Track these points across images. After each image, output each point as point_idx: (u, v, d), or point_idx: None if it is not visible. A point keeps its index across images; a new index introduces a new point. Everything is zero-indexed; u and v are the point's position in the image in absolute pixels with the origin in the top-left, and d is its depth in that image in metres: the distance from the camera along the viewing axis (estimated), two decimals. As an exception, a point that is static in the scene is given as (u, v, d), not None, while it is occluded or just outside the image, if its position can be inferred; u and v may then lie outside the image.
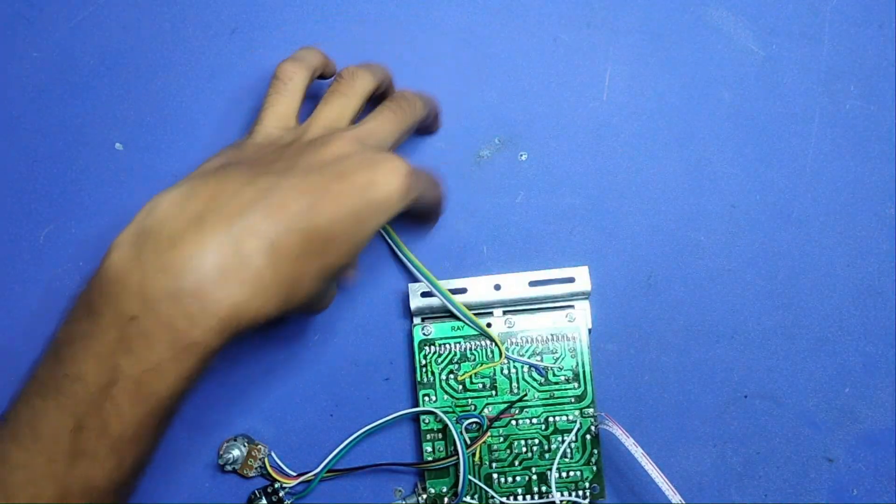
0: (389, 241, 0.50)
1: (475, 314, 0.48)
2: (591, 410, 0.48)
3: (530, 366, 0.48)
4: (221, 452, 0.49)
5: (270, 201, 0.37)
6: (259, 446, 0.49)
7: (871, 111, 0.51)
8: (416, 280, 0.49)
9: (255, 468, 0.49)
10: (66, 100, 0.52)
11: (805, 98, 0.51)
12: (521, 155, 0.51)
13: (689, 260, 0.51)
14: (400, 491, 0.50)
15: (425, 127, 0.50)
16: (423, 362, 0.48)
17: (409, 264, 0.49)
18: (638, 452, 0.45)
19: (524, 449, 0.48)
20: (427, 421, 0.48)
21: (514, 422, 0.48)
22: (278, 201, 0.37)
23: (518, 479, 0.48)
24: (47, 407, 0.36)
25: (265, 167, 0.39)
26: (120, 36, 0.52)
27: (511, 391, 0.48)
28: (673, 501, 0.44)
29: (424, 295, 0.48)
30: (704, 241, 0.51)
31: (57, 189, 0.51)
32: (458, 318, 0.48)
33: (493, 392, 0.48)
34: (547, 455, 0.48)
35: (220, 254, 0.35)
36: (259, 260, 0.36)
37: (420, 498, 0.49)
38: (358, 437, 0.49)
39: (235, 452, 0.49)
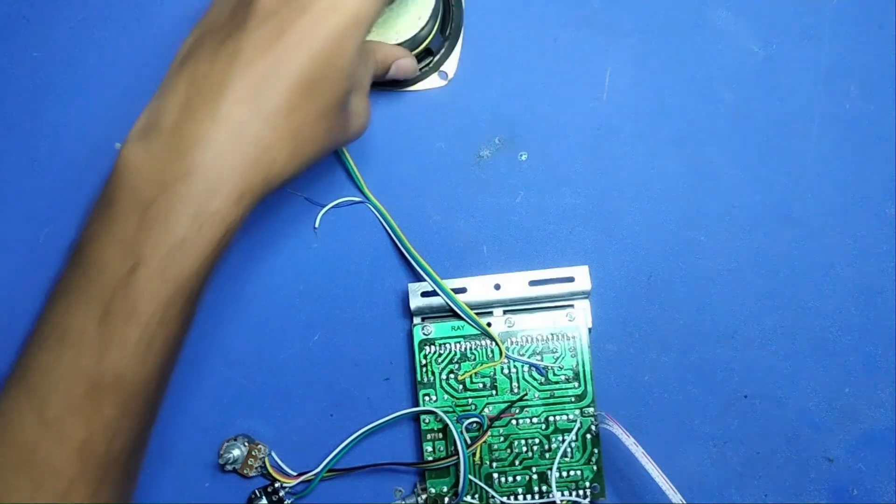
0: (395, 238, 0.50)
1: (475, 314, 0.49)
2: (591, 410, 0.48)
3: (530, 365, 0.49)
4: (221, 452, 0.49)
5: (238, 67, 0.37)
6: (259, 446, 0.50)
7: (871, 111, 0.51)
8: (416, 279, 0.50)
9: (256, 468, 0.50)
10: (66, 100, 0.52)
11: (805, 98, 0.52)
12: (521, 155, 0.52)
13: (689, 260, 0.51)
14: (400, 491, 0.50)
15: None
16: (424, 362, 0.49)
17: (412, 261, 0.50)
18: (638, 452, 0.45)
19: (524, 448, 0.48)
20: (427, 421, 0.49)
21: (514, 421, 0.48)
22: (245, 64, 0.37)
23: (518, 478, 0.48)
24: (72, 303, 0.37)
25: (227, 29, 0.39)
26: (120, 36, 0.53)
27: (511, 391, 0.49)
28: (673, 501, 0.44)
29: (424, 295, 0.49)
30: (704, 241, 0.51)
31: (57, 189, 0.52)
32: (460, 317, 0.49)
33: (494, 391, 0.49)
34: (547, 454, 0.48)
35: (217, 130, 0.37)
36: (254, 126, 0.37)
37: (419, 498, 0.49)
38: (358, 436, 0.49)
39: (235, 452, 0.49)
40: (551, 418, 0.48)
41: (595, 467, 0.48)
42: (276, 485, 0.49)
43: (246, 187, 0.37)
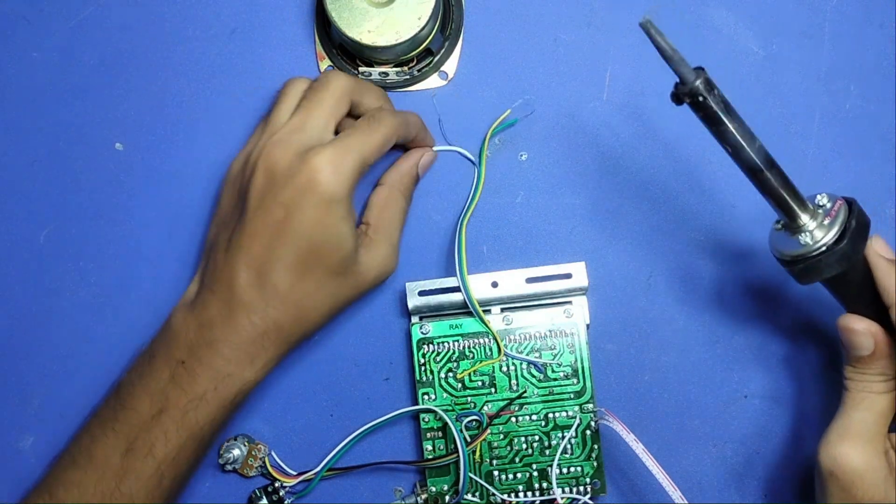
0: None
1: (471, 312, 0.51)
2: (590, 406, 0.51)
3: (529, 362, 0.51)
4: (222, 452, 0.52)
5: (242, 257, 0.46)
6: (259, 446, 0.52)
7: (871, 111, 0.54)
8: (414, 278, 0.52)
9: (256, 467, 0.52)
10: (66, 100, 0.55)
11: (805, 98, 0.54)
12: (521, 155, 0.54)
13: (689, 260, 0.53)
14: (400, 491, 0.53)
15: (413, 142, 0.53)
16: (422, 361, 0.51)
17: (456, 251, 0.51)
18: (639, 448, 0.47)
19: (524, 446, 0.51)
20: (427, 419, 0.51)
21: (513, 419, 0.51)
22: (247, 255, 0.46)
23: (519, 475, 0.51)
24: (104, 433, 0.46)
25: (232, 223, 0.48)
26: (120, 36, 0.55)
27: (510, 388, 0.51)
28: (674, 499, 0.46)
29: (422, 294, 0.51)
30: (704, 241, 0.53)
31: (57, 189, 0.54)
32: (458, 316, 0.51)
33: (493, 389, 0.51)
34: (547, 451, 0.50)
35: (231, 310, 0.47)
36: (259, 304, 0.46)
37: (419, 498, 0.51)
38: (358, 435, 0.51)
39: (236, 452, 0.52)
40: (551, 415, 0.51)
41: (595, 463, 0.50)
42: (277, 484, 0.52)
43: (256, 354, 0.47)
